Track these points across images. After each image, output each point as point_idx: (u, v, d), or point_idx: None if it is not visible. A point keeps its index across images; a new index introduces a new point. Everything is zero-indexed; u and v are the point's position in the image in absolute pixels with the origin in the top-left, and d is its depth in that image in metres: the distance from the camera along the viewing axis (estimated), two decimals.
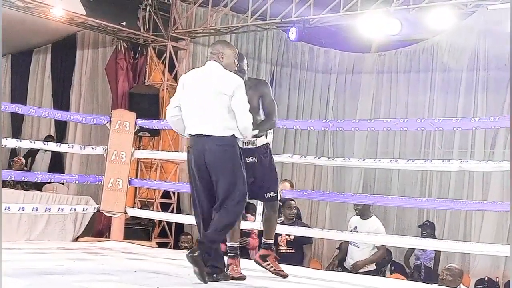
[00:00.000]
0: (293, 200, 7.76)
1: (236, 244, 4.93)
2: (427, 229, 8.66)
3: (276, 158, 6.59)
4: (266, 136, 4.98)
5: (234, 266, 4.86)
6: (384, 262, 9.12)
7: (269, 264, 5.13)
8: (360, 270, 7.45)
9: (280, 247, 7.68)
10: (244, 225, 7.32)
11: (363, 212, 7.66)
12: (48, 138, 10.73)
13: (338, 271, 7.55)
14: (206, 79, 4.60)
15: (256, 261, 5.20)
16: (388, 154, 10.14)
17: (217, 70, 4.61)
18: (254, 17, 9.68)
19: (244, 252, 7.70)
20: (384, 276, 8.45)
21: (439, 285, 6.58)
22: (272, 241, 5.23)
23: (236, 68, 4.73)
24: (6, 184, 8.77)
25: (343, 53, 11.30)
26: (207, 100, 4.52)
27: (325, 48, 11.50)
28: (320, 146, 11.23)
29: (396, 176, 10.23)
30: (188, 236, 8.73)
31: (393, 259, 9.34)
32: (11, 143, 7.26)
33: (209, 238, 4.42)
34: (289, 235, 7.54)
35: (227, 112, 4.48)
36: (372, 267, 7.62)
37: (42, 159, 10.88)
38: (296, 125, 7.39)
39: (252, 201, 7.96)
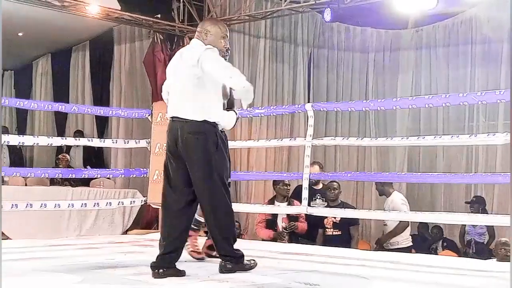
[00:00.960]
0: (336, 182, 7.77)
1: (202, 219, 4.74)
2: (475, 205, 8.57)
3: (318, 141, 6.63)
4: None
5: (194, 240, 4.97)
6: (435, 238, 9.09)
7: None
8: (395, 247, 7.47)
9: (327, 229, 7.69)
10: (292, 210, 7.37)
11: (382, 191, 7.69)
12: (76, 134, 10.91)
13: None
14: (183, 58, 4.32)
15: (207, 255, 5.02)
16: (432, 130, 10.03)
17: (195, 47, 4.30)
18: (288, 1, 9.62)
19: (294, 237, 7.74)
20: (436, 254, 8.41)
21: (497, 260, 6.51)
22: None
23: (223, 48, 4.43)
24: (54, 181, 8.93)
25: (380, 30, 11.18)
26: (180, 80, 4.26)
27: (361, 27, 11.40)
28: (362, 126, 11.16)
29: (441, 152, 10.12)
30: (236, 223, 8.76)
31: (444, 236, 9.28)
32: (57, 141, 7.38)
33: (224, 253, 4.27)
34: (334, 217, 7.55)
35: (200, 91, 4.19)
36: (408, 243, 7.63)
37: (75, 155, 11.06)
38: (337, 107, 7.35)
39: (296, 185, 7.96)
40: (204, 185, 4.21)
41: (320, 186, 8.09)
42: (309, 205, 7.12)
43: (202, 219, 4.82)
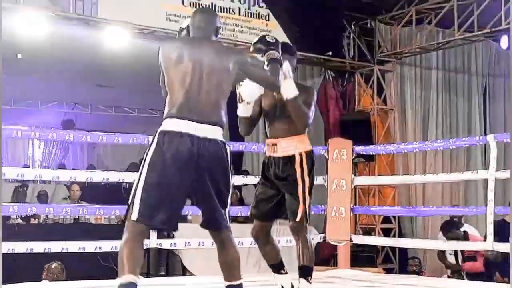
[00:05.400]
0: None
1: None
2: None
3: (502, 174, 6.31)
4: None
5: None
6: None
7: None
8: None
9: None
10: (475, 246, 7.09)
11: None
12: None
13: None
14: None
15: None
16: None
17: None
18: (461, 31, 9.40)
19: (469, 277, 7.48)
20: None
21: None
22: None
23: None
24: (236, 219, 9.17)
25: None
26: None
27: None
28: None
29: None
30: (416, 259, 8.63)
31: None
32: (239, 180, 7.56)
33: None
34: None
35: None
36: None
37: (247, 192, 11.25)
38: None
39: None
40: None
41: None
42: None
43: None
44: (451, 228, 7.61)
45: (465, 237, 7.48)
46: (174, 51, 3.43)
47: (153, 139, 3.34)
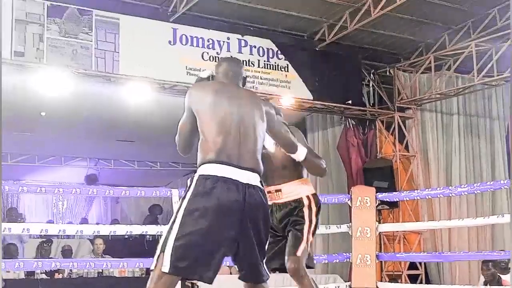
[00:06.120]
0: None
1: None
2: None
3: None
4: None
5: None
6: None
7: None
8: None
9: None
10: None
11: None
12: None
13: None
14: None
15: None
16: None
17: None
18: (480, 76, 9.41)
19: None
20: None
21: None
22: None
23: None
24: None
25: None
26: None
27: None
28: None
29: None
30: None
31: None
32: None
33: None
34: None
35: None
36: None
37: None
38: None
39: None
40: None
41: None
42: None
43: None
44: (495, 264, 7.38)
45: (498, 281, 7.33)
46: (209, 94, 3.31)
47: (191, 184, 3.15)
